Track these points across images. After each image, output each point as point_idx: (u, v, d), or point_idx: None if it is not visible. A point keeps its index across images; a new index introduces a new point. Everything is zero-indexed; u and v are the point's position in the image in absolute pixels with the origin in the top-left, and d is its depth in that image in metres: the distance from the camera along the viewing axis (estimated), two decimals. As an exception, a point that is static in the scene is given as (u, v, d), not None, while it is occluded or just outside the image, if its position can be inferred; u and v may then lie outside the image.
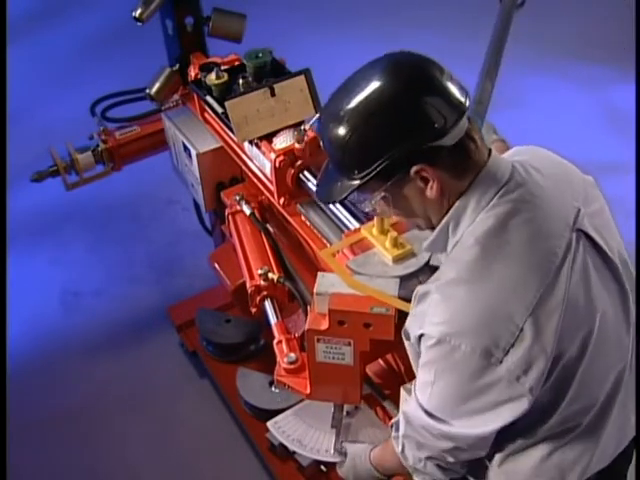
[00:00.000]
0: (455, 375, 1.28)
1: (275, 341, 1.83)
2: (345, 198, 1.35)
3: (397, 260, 1.58)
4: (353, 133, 1.28)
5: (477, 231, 1.30)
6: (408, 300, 1.41)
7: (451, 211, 1.32)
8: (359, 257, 1.62)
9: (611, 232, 1.42)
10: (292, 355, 1.75)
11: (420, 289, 1.34)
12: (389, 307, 1.50)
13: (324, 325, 1.55)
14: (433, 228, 1.37)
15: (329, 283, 1.54)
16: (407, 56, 1.35)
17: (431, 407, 1.34)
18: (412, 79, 1.28)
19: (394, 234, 1.59)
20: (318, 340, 1.56)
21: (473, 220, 1.31)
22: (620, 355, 1.40)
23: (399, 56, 1.35)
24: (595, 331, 1.32)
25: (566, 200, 1.36)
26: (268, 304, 1.95)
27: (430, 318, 1.29)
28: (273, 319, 1.90)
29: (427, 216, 1.36)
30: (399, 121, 1.25)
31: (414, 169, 1.27)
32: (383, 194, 1.32)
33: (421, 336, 1.31)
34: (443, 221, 1.33)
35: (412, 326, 1.35)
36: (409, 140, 1.25)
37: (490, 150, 1.34)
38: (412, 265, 1.57)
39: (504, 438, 1.36)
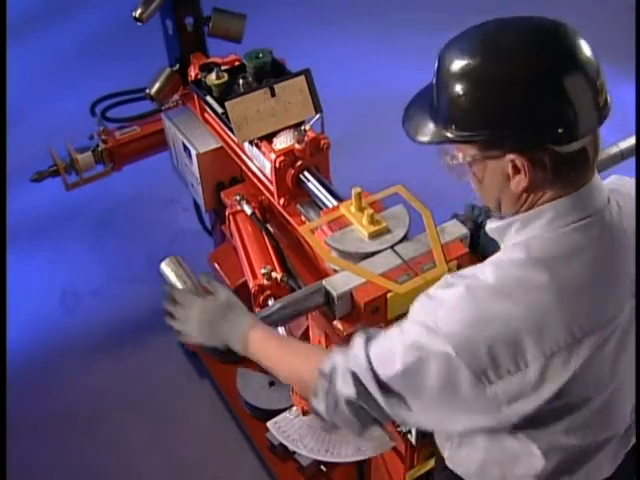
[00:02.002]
0: (435, 374, 1.17)
1: None
2: (435, 144, 1.23)
3: (373, 236, 1.64)
4: (474, 94, 1.13)
5: (535, 248, 1.19)
6: None
7: (526, 214, 1.21)
8: (337, 233, 1.68)
9: None
10: None
11: (450, 278, 1.23)
12: (409, 273, 1.54)
13: (359, 323, 1.53)
14: (499, 211, 1.27)
15: (340, 283, 1.55)
16: (572, 32, 1.15)
17: (396, 388, 1.21)
18: (572, 63, 1.11)
19: (370, 211, 1.67)
20: None
21: (538, 234, 1.20)
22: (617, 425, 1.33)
23: (565, 28, 1.16)
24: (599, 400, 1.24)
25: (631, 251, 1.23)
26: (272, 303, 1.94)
27: (447, 310, 1.17)
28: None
29: (499, 201, 1.24)
30: (528, 105, 1.10)
31: (512, 157, 1.14)
32: (469, 160, 1.20)
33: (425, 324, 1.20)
34: (514, 218, 1.22)
35: (422, 307, 1.23)
36: (528, 130, 1.11)
37: (594, 172, 1.21)
38: (387, 241, 1.64)
39: None
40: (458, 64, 1.16)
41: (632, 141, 1.98)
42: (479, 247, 1.70)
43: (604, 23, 4.61)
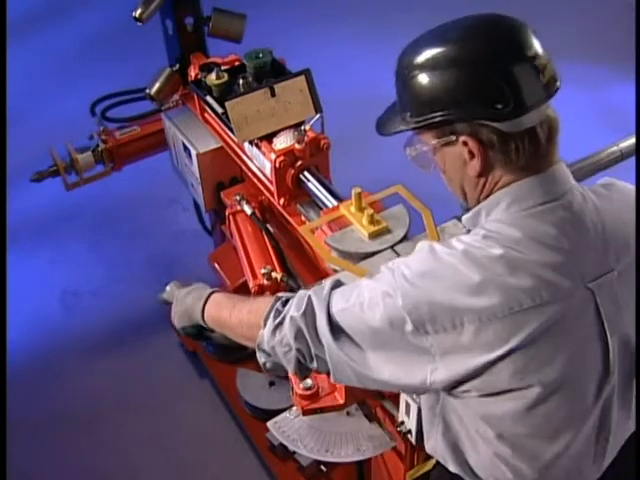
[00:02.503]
0: (380, 313, 1.22)
1: None
2: (392, 134, 1.33)
3: (373, 236, 1.65)
4: (421, 79, 1.23)
5: (500, 230, 1.23)
6: None
7: (486, 201, 1.27)
8: (337, 233, 1.68)
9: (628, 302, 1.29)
10: (308, 381, 1.69)
11: (425, 243, 1.30)
12: None
13: None
14: (465, 201, 1.33)
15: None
16: (506, 19, 1.25)
17: (341, 321, 1.26)
18: (505, 42, 1.20)
19: (370, 211, 1.67)
20: None
21: (499, 218, 1.25)
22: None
23: (498, 16, 1.26)
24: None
25: (602, 251, 1.25)
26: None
27: (408, 258, 1.26)
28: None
29: (463, 189, 1.31)
30: (469, 83, 1.18)
31: (462, 138, 1.21)
32: (428, 148, 1.28)
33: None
34: (479, 206, 1.29)
35: (393, 262, 1.29)
36: (471, 107, 1.19)
37: (558, 160, 1.26)
38: (387, 241, 1.64)
39: None
40: (409, 55, 1.26)
41: (632, 141, 1.98)
42: None
43: (604, 23, 4.62)
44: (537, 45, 1.20)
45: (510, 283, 1.18)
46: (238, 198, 2.18)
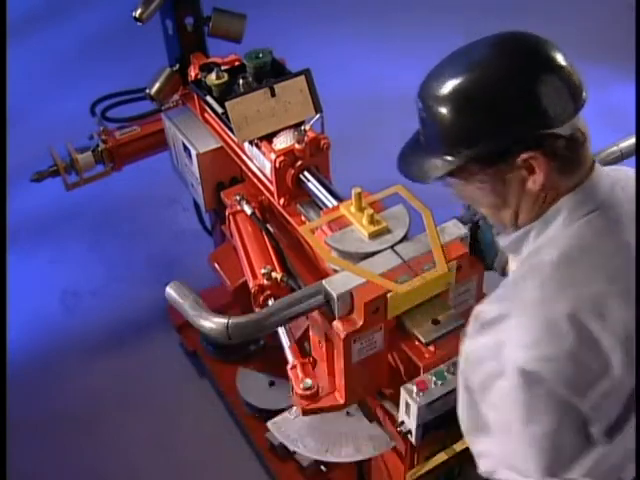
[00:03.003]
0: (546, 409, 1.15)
1: (289, 366, 1.76)
2: (441, 178, 1.25)
3: (373, 236, 1.64)
4: (461, 111, 1.18)
5: (561, 245, 1.21)
6: None
7: (543, 217, 1.23)
8: (337, 233, 1.67)
9: None
10: (308, 381, 1.69)
11: (488, 312, 1.22)
12: (409, 273, 1.54)
13: (359, 323, 1.53)
14: (515, 225, 1.29)
15: (340, 283, 1.54)
16: (527, 35, 1.23)
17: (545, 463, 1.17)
18: (533, 57, 1.19)
19: (370, 211, 1.66)
20: (354, 341, 1.56)
21: (560, 231, 1.22)
22: None
23: (517, 34, 1.23)
24: None
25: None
26: (272, 303, 1.94)
27: (515, 344, 1.16)
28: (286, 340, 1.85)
29: (517, 212, 1.26)
30: (514, 102, 1.16)
31: (524, 156, 1.17)
32: (481, 179, 1.23)
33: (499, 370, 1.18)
34: (531, 224, 1.25)
35: (482, 360, 1.21)
36: (523, 124, 1.16)
37: (594, 163, 1.26)
38: (387, 241, 1.63)
39: None
40: (441, 87, 1.20)
41: (632, 141, 1.98)
42: (478, 249, 1.69)
43: (604, 23, 4.61)
44: (561, 49, 1.22)
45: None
46: (238, 198, 2.18)
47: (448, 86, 1.19)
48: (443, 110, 1.20)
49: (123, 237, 3.50)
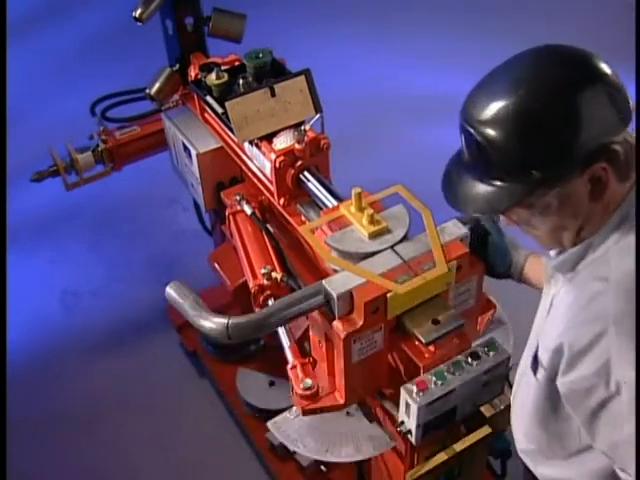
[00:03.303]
0: None
1: (289, 366, 1.76)
2: (511, 207, 1.19)
3: (373, 236, 1.64)
4: (525, 133, 1.13)
5: (631, 252, 1.17)
6: None
7: (608, 223, 1.20)
8: (337, 233, 1.67)
9: None
10: (308, 381, 1.69)
11: (578, 339, 1.18)
12: (409, 273, 1.54)
13: (359, 323, 1.53)
14: (575, 240, 1.24)
15: (340, 283, 1.54)
16: (564, 46, 1.21)
17: None
18: (582, 67, 1.17)
19: (370, 211, 1.66)
20: (354, 341, 1.56)
21: (621, 234, 1.19)
22: None
23: (553, 46, 1.21)
24: None
25: None
26: (272, 303, 1.94)
27: (623, 361, 1.14)
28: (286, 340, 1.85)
29: (581, 228, 1.22)
30: (579, 116, 1.12)
31: (595, 168, 1.14)
32: (546, 202, 1.17)
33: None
34: (591, 238, 1.21)
35: (590, 391, 1.18)
36: (591, 137, 1.12)
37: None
38: (387, 241, 1.63)
39: None
40: (495, 110, 1.15)
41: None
42: (486, 254, 1.69)
43: (604, 23, 4.61)
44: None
45: None
46: (238, 198, 2.18)
47: (504, 108, 1.14)
48: (503, 134, 1.14)
49: (123, 237, 3.51)
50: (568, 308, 1.25)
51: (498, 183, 1.18)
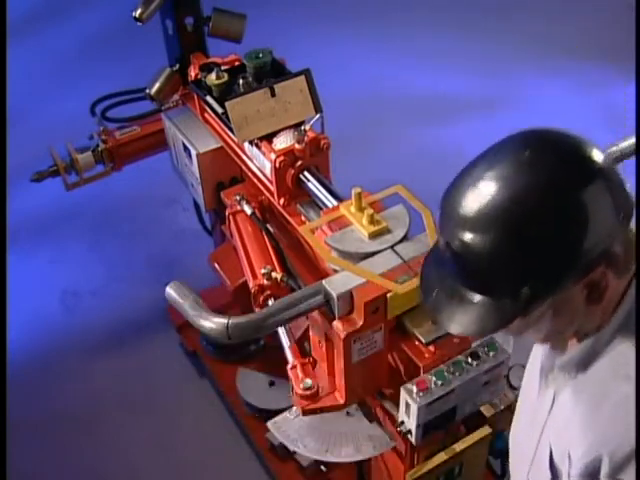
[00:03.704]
0: None
1: (289, 366, 1.76)
2: (507, 325, 1.03)
3: (373, 236, 1.65)
4: (520, 241, 0.98)
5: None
6: None
7: (616, 319, 1.09)
8: (337, 233, 1.68)
9: None
10: (308, 381, 1.69)
11: (620, 447, 1.05)
12: (409, 273, 1.54)
13: (359, 323, 1.54)
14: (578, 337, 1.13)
15: (340, 283, 1.54)
16: (551, 132, 1.05)
17: None
18: (578, 163, 1.01)
19: (370, 211, 1.66)
20: (354, 341, 1.56)
21: (628, 329, 1.09)
22: None
23: (538, 132, 1.06)
24: None
25: None
26: (272, 303, 1.94)
27: None
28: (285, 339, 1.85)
29: (579, 328, 1.12)
30: (578, 220, 0.98)
31: (593, 276, 1.02)
32: (540, 311, 1.04)
33: None
34: (600, 333, 1.10)
35: None
36: (592, 242, 0.98)
37: None
38: (387, 241, 1.64)
39: None
40: (480, 215, 1.00)
41: (632, 141, 1.98)
42: None
43: (604, 23, 4.61)
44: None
45: None
46: (238, 198, 2.18)
47: (491, 213, 0.99)
48: (491, 244, 0.99)
49: (123, 237, 3.50)
50: (590, 411, 1.13)
51: (486, 299, 1.03)
